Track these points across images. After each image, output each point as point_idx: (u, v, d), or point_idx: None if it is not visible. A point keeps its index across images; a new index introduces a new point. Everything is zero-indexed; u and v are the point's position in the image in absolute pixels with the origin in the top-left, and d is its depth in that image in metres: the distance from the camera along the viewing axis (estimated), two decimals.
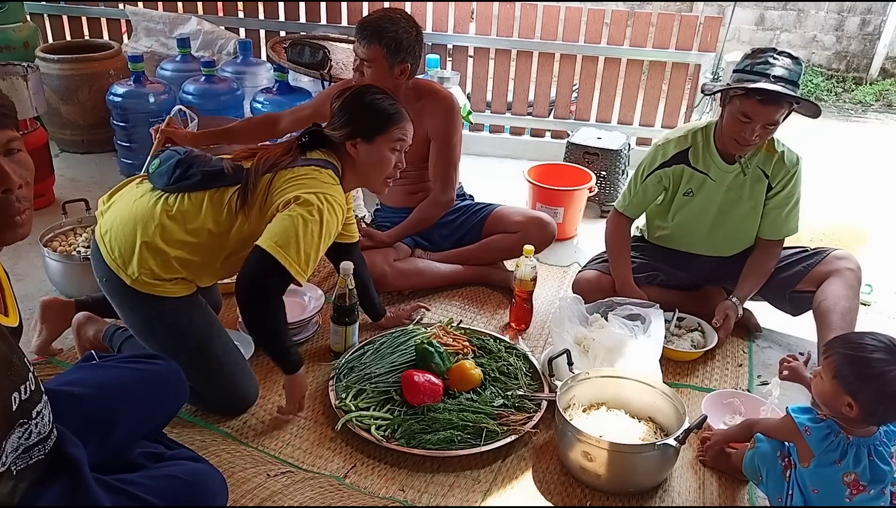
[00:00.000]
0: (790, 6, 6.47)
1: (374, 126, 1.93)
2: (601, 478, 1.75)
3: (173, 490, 1.36)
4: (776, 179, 2.31)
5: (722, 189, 2.34)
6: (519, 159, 3.94)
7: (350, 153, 1.93)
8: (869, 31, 6.40)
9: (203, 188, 1.84)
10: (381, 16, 2.33)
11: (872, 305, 2.80)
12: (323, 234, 1.76)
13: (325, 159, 1.90)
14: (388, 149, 1.95)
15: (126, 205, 1.89)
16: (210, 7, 4.23)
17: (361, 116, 1.92)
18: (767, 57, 2.09)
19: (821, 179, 3.97)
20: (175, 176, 1.84)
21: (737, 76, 2.15)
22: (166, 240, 1.81)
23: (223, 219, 1.83)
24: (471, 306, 2.59)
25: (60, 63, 3.59)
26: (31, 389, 1.16)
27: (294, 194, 1.76)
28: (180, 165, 1.85)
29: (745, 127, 2.12)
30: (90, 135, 3.76)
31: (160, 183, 1.86)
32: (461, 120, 2.62)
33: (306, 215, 1.73)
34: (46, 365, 2.12)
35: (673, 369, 2.29)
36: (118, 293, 1.88)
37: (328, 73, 3.24)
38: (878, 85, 6.33)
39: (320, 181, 1.83)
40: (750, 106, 2.08)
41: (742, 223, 2.40)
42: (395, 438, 1.88)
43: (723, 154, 2.30)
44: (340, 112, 1.94)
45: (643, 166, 2.42)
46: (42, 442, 1.19)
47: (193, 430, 1.91)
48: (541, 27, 3.91)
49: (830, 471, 1.53)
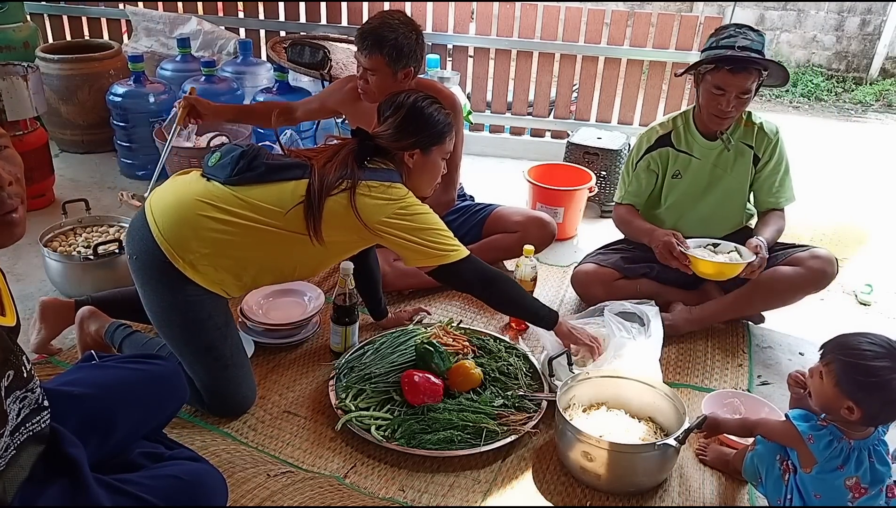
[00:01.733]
0: (790, 6, 6.47)
1: (433, 138, 1.97)
2: (601, 478, 1.75)
3: (173, 490, 1.35)
4: (761, 148, 2.39)
5: (707, 167, 2.41)
6: (519, 159, 3.94)
7: (406, 162, 1.96)
8: (869, 31, 6.40)
9: (267, 181, 1.84)
10: (379, 23, 2.32)
11: (872, 305, 2.80)
12: (431, 218, 1.90)
13: (388, 170, 1.93)
14: (440, 158, 2.02)
15: (183, 187, 1.89)
16: (210, 7, 4.23)
17: (422, 129, 1.95)
18: (730, 31, 2.21)
19: (821, 179, 3.97)
20: (239, 167, 1.84)
21: (704, 54, 2.25)
22: (223, 223, 1.81)
23: (289, 216, 1.82)
24: (471, 306, 2.59)
25: (60, 63, 3.59)
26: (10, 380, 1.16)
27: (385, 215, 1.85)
28: (244, 157, 1.85)
29: (721, 99, 2.21)
30: (90, 135, 3.76)
31: (222, 175, 1.85)
32: (463, 121, 2.62)
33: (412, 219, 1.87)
34: (46, 365, 2.12)
35: (673, 369, 2.29)
36: (146, 273, 1.86)
37: (328, 73, 3.24)
38: (878, 85, 6.33)
39: (401, 193, 1.89)
40: (721, 77, 2.18)
41: (730, 198, 2.46)
42: (395, 438, 1.88)
43: (704, 133, 2.39)
44: (402, 125, 1.95)
45: (631, 157, 2.50)
46: (12, 438, 1.18)
47: (193, 430, 1.91)
48: (541, 27, 3.91)
49: (833, 476, 1.53)
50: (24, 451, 1.20)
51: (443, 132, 1.99)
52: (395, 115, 1.96)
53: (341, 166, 1.85)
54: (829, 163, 4.36)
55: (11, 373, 1.15)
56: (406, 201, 1.89)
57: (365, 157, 1.92)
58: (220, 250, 1.83)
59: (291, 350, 2.27)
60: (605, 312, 2.23)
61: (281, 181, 1.85)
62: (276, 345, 2.26)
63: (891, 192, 3.95)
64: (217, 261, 1.83)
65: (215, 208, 1.82)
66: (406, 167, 1.97)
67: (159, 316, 1.89)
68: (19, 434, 1.19)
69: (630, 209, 2.52)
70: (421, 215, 1.90)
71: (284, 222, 1.82)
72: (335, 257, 2.04)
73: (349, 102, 2.59)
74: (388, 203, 1.86)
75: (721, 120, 2.28)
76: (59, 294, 2.45)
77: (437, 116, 1.97)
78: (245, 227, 1.82)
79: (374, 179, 1.87)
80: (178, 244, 1.81)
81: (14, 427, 1.18)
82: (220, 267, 1.84)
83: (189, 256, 1.80)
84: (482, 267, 1.98)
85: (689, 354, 2.38)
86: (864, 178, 4.12)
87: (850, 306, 2.77)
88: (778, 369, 2.35)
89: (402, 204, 1.87)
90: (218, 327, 1.90)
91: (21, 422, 1.20)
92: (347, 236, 1.90)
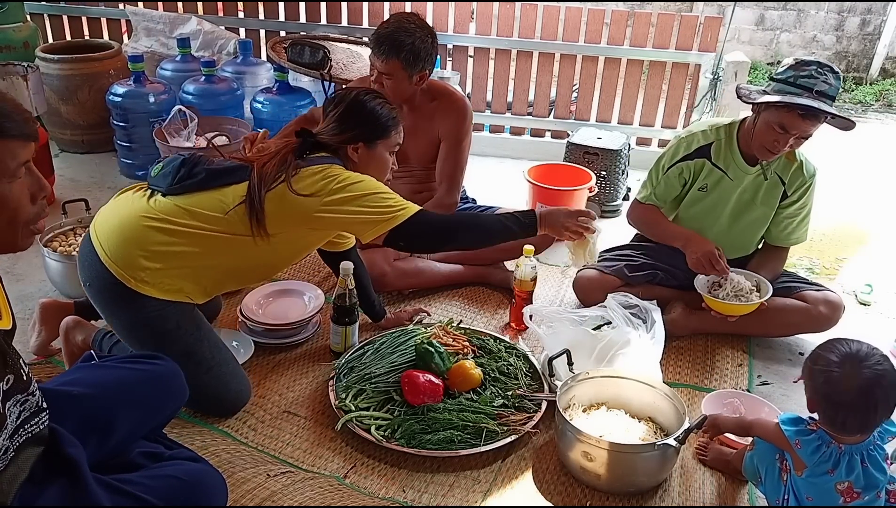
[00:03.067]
0: (790, 6, 6.46)
1: (377, 131, 1.96)
2: (601, 478, 1.75)
3: (173, 491, 1.35)
4: (792, 187, 2.34)
5: (737, 190, 2.36)
6: (519, 159, 3.93)
7: (351, 157, 1.95)
8: (869, 31, 6.40)
9: (209, 187, 1.84)
10: (396, 27, 2.32)
11: (872, 305, 2.80)
12: (369, 184, 1.86)
13: (328, 157, 1.92)
14: (387, 152, 2.00)
15: (125, 206, 1.88)
16: (210, 7, 4.22)
17: (364, 121, 1.95)
18: (812, 71, 2.10)
19: (821, 178, 3.95)
20: (180, 176, 1.84)
21: (778, 86, 2.14)
22: (169, 234, 1.80)
23: (231, 218, 1.81)
24: (471, 306, 2.59)
25: (60, 63, 3.58)
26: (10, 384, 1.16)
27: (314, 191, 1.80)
28: (185, 165, 1.85)
29: (780, 137, 2.14)
30: (90, 135, 3.76)
31: (164, 184, 1.85)
32: (472, 124, 2.63)
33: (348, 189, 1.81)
34: (46, 365, 2.11)
35: (673, 369, 2.29)
36: (103, 297, 1.86)
37: (328, 73, 3.24)
38: (878, 85, 6.33)
39: (337, 171, 1.86)
40: (789, 119, 2.10)
41: (750, 227, 2.42)
42: (395, 438, 1.88)
43: (745, 155, 2.32)
44: (342, 118, 1.95)
45: (665, 158, 2.42)
46: (11, 440, 1.19)
47: (193, 430, 1.90)
48: (541, 27, 3.91)
49: (823, 480, 1.53)
50: (22, 452, 1.20)
51: (387, 126, 1.97)
52: (335, 109, 1.96)
53: (281, 162, 1.84)
54: (829, 163, 4.34)
55: (11, 377, 1.15)
56: (342, 176, 1.84)
57: (306, 153, 1.91)
58: (171, 263, 1.81)
59: (291, 350, 2.27)
60: (609, 299, 2.22)
61: (222, 186, 1.84)
62: (276, 345, 2.26)
63: (891, 192, 3.95)
64: (171, 273, 1.82)
65: (159, 221, 1.80)
66: (352, 162, 1.95)
67: (128, 336, 1.88)
68: (18, 437, 1.19)
69: (655, 210, 2.47)
70: (358, 184, 1.84)
71: (227, 225, 1.81)
72: (291, 256, 2.03)
73: None
74: (326, 180, 1.82)
75: (771, 155, 2.21)
76: (58, 295, 2.45)
77: (379, 110, 1.96)
78: (191, 235, 1.81)
79: (311, 165, 1.86)
80: (126, 265, 1.79)
81: (13, 430, 1.18)
82: (176, 277, 1.83)
83: (140, 274, 1.79)
84: (437, 219, 1.95)
85: (689, 354, 2.38)
86: (865, 178, 4.12)
87: (850, 307, 2.76)
88: (778, 369, 2.35)
89: (338, 180, 1.83)
90: (190, 333, 1.88)
91: (20, 424, 1.20)
92: (294, 229, 1.87)
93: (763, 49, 6.60)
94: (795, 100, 2.07)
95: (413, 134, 2.58)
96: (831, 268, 3.06)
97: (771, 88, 2.16)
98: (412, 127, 2.58)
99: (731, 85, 3.74)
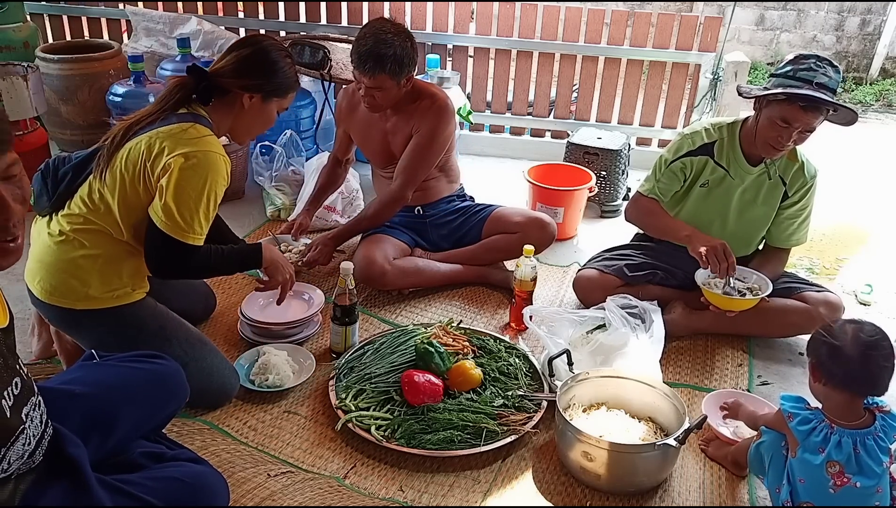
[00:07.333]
0: (790, 6, 6.47)
1: (277, 88, 1.96)
2: (601, 478, 1.76)
3: (175, 492, 1.36)
4: (793, 187, 2.35)
5: (738, 189, 2.36)
6: (519, 159, 3.94)
7: (242, 104, 1.93)
8: (869, 31, 6.40)
9: (80, 183, 1.83)
10: (374, 41, 2.31)
11: (872, 305, 2.80)
12: (209, 191, 1.77)
13: (192, 114, 1.86)
14: (277, 110, 2.01)
15: (35, 241, 1.88)
16: (210, 7, 4.23)
17: (269, 74, 1.93)
18: (811, 63, 2.10)
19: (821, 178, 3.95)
20: (52, 188, 1.84)
21: (778, 81, 2.15)
22: (78, 246, 1.80)
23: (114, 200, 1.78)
24: (471, 306, 2.59)
25: (60, 63, 3.58)
26: (20, 388, 1.16)
27: (167, 160, 1.73)
28: (47, 176, 1.85)
29: (783, 132, 2.13)
30: (90, 135, 3.75)
31: (46, 204, 1.85)
32: (451, 127, 2.60)
33: (189, 178, 1.73)
34: (46, 364, 2.11)
35: (673, 369, 2.29)
36: (64, 327, 1.90)
37: (328, 73, 3.24)
38: (878, 85, 6.33)
39: (193, 137, 1.78)
40: (791, 111, 2.09)
41: (751, 227, 2.42)
42: (395, 438, 1.88)
43: (747, 155, 2.32)
44: (246, 63, 1.90)
45: (669, 153, 2.42)
46: (38, 445, 1.19)
47: (193, 430, 1.91)
48: (541, 27, 3.91)
49: (813, 458, 1.55)
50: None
51: (289, 86, 1.99)
52: (240, 50, 1.93)
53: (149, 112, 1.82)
54: (829, 163, 4.34)
55: (18, 381, 1.15)
56: (198, 152, 1.75)
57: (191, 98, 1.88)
58: (97, 271, 1.81)
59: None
60: (609, 302, 2.23)
61: (89, 176, 1.83)
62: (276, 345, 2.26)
63: (891, 192, 3.95)
64: (103, 280, 1.82)
65: (65, 236, 1.80)
66: (239, 108, 1.93)
67: (99, 349, 1.83)
68: (44, 441, 1.21)
69: (657, 204, 2.45)
70: (198, 182, 1.75)
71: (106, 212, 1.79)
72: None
73: (354, 119, 2.67)
74: (180, 141, 1.76)
75: (776, 151, 2.20)
76: None
77: (286, 69, 1.97)
78: (94, 233, 1.81)
79: (169, 123, 1.80)
80: (64, 294, 1.81)
81: (40, 434, 1.20)
82: (109, 284, 1.83)
83: (79, 292, 1.80)
84: (191, 258, 1.81)
85: (689, 354, 2.38)
86: (865, 178, 4.12)
87: (850, 307, 2.77)
88: (778, 369, 2.36)
89: (193, 150, 1.75)
90: (154, 334, 1.89)
91: (45, 429, 1.21)
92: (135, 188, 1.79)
93: (763, 49, 6.60)
94: (796, 91, 2.08)
95: (397, 134, 2.59)
96: (831, 268, 3.06)
97: (771, 84, 2.17)
98: (395, 127, 2.58)
99: (731, 85, 3.74)
